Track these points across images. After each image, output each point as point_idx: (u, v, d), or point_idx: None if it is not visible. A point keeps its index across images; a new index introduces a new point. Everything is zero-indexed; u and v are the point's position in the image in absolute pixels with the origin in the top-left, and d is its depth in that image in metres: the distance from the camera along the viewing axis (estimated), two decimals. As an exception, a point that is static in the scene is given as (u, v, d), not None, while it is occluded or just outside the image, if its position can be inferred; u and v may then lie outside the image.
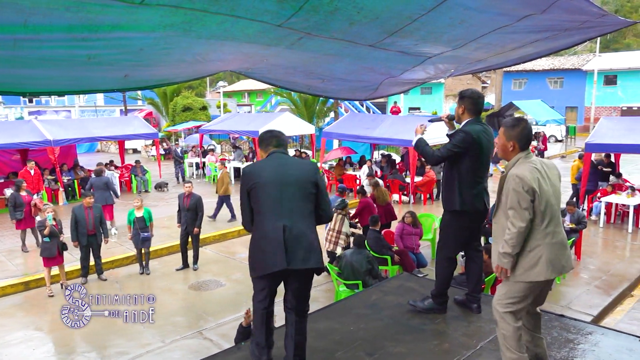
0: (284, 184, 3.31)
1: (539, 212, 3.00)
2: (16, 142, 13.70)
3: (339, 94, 8.91)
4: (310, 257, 3.28)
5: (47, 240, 7.78)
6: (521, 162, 3.10)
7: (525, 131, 3.14)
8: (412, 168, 14.06)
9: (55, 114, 33.58)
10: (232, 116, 21.34)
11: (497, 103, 22.73)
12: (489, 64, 5.68)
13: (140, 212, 8.75)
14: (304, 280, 3.42)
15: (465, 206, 4.03)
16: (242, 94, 53.45)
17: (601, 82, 34.59)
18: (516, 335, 3.10)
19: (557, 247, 3.05)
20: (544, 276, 3.02)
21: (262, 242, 3.29)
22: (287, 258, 3.19)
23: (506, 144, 3.16)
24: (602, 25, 4.10)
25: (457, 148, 3.95)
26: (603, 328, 4.22)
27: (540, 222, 3.01)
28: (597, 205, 11.84)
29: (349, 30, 3.88)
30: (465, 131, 3.97)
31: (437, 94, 42.55)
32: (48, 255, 7.85)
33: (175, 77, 5.75)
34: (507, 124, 3.19)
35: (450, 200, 4.13)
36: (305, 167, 3.47)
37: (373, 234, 7.89)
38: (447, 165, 4.17)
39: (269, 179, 3.32)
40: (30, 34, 3.04)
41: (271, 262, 3.22)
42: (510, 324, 3.09)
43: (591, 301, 7.40)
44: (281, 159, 3.43)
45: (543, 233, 3.02)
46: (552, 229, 3.04)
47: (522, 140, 3.13)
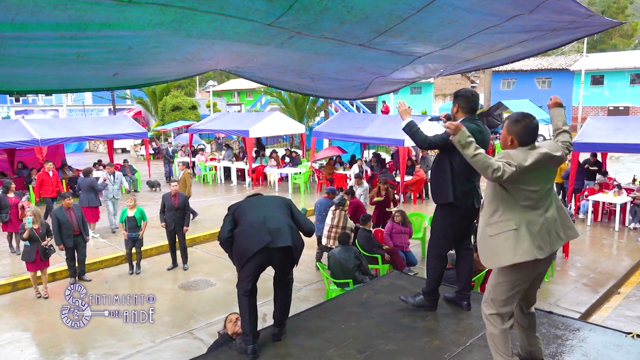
0: (264, 204, 4.08)
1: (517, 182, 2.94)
2: (3, 142, 13.52)
3: (329, 93, 8.92)
4: (288, 238, 3.77)
5: (28, 244, 7.59)
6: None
7: (528, 129, 3.05)
8: (402, 167, 14.12)
9: (42, 113, 33.24)
10: (221, 115, 21.26)
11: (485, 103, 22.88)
12: (478, 63, 5.73)
13: (132, 211, 8.70)
14: (285, 259, 3.86)
15: (457, 200, 4.03)
16: (231, 93, 53.29)
17: (588, 82, 35.00)
18: (504, 338, 3.07)
19: (539, 230, 2.98)
20: (528, 256, 2.91)
21: (245, 232, 3.80)
22: (269, 236, 3.70)
23: (506, 138, 3.10)
24: (589, 26, 4.15)
25: (446, 142, 3.91)
26: (591, 324, 4.28)
27: (526, 200, 2.97)
28: (585, 203, 11.97)
29: (340, 29, 3.90)
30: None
31: (427, 94, 42.76)
32: (27, 260, 7.64)
33: (165, 76, 5.73)
34: (512, 118, 3.12)
35: (441, 193, 4.12)
36: (279, 198, 4.24)
37: (364, 233, 7.92)
38: (439, 159, 4.17)
39: (251, 203, 4.11)
40: (18, 32, 3.02)
41: (256, 242, 3.69)
42: (497, 326, 3.07)
43: (579, 298, 7.49)
44: (259, 198, 4.27)
45: (526, 211, 2.98)
46: (537, 209, 2.99)
47: (522, 137, 3.05)
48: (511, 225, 2.97)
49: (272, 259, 3.81)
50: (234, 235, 3.87)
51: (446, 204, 4.12)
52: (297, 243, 3.86)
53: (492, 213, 3.06)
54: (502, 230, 3.00)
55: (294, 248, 3.81)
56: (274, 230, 3.75)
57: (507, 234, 2.98)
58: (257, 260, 3.74)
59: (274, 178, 16.61)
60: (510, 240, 2.96)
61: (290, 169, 16.74)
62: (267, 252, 3.71)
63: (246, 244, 3.74)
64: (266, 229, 3.74)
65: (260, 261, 3.77)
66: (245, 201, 4.15)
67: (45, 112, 33.80)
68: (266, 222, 3.78)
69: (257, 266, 3.79)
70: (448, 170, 4.05)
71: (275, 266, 3.92)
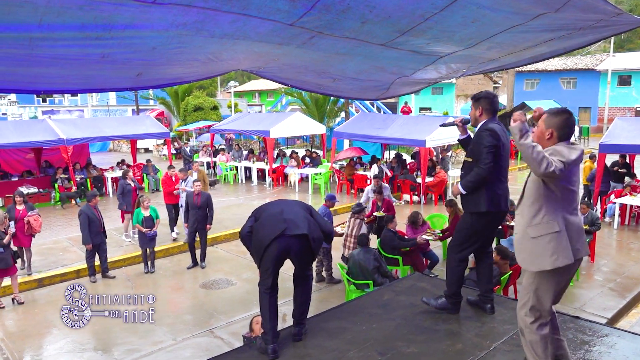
0: (284, 202, 4.20)
1: (567, 184, 2.89)
2: (30, 141, 13.89)
3: (350, 94, 8.91)
4: (304, 227, 3.82)
5: (2, 250, 7.35)
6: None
7: (569, 122, 2.96)
8: (423, 168, 14.00)
9: (68, 114, 33.99)
10: (242, 116, 21.41)
11: (509, 103, 22.50)
12: (502, 63, 5.63)
13: (147, 211, 8.85)
14: (302, 249, 3.88)
15: (492, 207, 3.95)
16: (252, 94, 53.62)
17: (615, 82, 34.23)
18: (544, 343, 3.01)
19: (576, 231, 2.95)
20: (568, 260, 2.88)
21: (263, 222, 3.87)
22: (285, 224, 3.77)
23: (544, 131, 2.98)
24: (616, 25, 4.05)
25: (493, 148, 3.86)
26: (619, 330, 4.15)
27: (565, 201, 2.91)
28: (611, 206, 11.70)
29: (361, 29, 3.88)
30: (490, 129, 3.90)
31: (448, 95, 42.37)
32: (5, 267, 7.39)
33: (188, 76, 5.78)
34: (551, 111, 3.02)
35: (475, 201, 4.01)
36: (300, 201, 4.32)
37: (388, 233, 7.86)
38: (470, 165, 4.07)
39: (271, 203, 4.24)
40: (45, 33, 3.07)
41: (272, 230, 3.76)
42: (539, 333, 3.01)
43: (605, 303, 7.31)
44: (280, 199, 4.40)
45: (567, 213, 2.92)
46: (574, 210, 2.95)
47: (562, 129, 2.95)
48: (554, 227, 2.91)
49: (289, 248, 3.81)
50: (253, 229, 3.93)
51: (478, 212, 4.03)
52: (314, 234, 3.88)
53: (535, 214, 2.98)
54: (545, 232, 2.93)
55: (311, 238, 3.82)
56: (289, 219, 3.82)
57: (550, 236, 2.92)
58: (274, 249, 3.75)
59: (294, 178, 16.64)
60: (553, 242, 2.90)
61: (310, 169, 16.75)
62: (283, 240, 3.74)
63: (263, 232, 3.81)
64: (282, 218, 3.82)
65: (277, 250, 3.76)
66: (266, 203, 4.23)
67: (71, 112, 34.56)
68: (283, 213, 3.87)
69: (275, 256, 3.78)
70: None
71: (293, 257, 3.92)
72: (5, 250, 7.42)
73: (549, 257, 2.90)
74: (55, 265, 9.15)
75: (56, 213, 13.68)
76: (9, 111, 34.39)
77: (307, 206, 4.17)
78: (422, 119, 18.92)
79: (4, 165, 15.66)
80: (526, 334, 3.09)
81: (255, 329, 4.85)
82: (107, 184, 16.12)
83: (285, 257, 3.89)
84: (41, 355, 6.22)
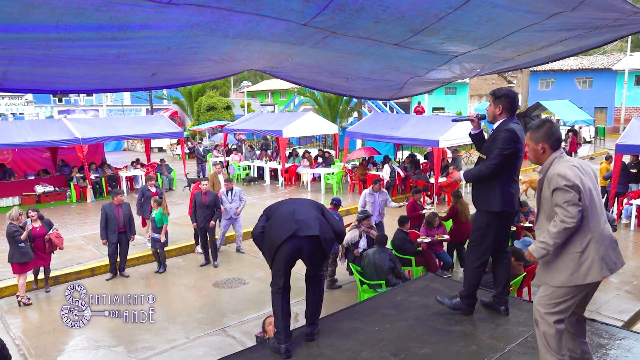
0: (295, 202, 4.19)
1: (585, 209, 2.87)
2: (47, 140, 14.14)
3: (363, 93, 8.87)
4: (316, 228, 3.81)
5: (23, 245, 7.46)
6: (557, 161, 2.98)
7: (552, 129, 3.02)
8: (436, 168, 13.93)
9: (83, 113, 34.36)
10: (255, 116, 21.47)
11: (523, 103, 22.29)
12: (516, 63, 5.57)
13: (155, 211, 8.92)
14: (314, 250, 3.88)
15: (506, 206, 3.95)
16: (265, 94, 53.74)
17: (632, 82, 33.69)
18: (557, 337, 2.98)
19: (607, 243, 2.92)
20: (597, 276, 2.88)
21: (274, 222, 3.88)
22: (297, 225, 3.77)
23: (536, 148, 3.04)
24: (634, 23, 3.98)
25: (507, 150, 3.85)
26: (637, 334, 4.10)
27: (587, 218, 2.88)
28: (628, 208, 11.53)
29: (374, 28, 3.86)
30: (509, 130, 3.88)
31: (462, 94, 42.03)
32: (29, 260, 7.52)
33: (202, 76, 5.81)
34: (532, 127, 3.07)
35: (488, 200, 4.01)
36: (311, 200, 4.30)
37: (400, 234, 7.83)
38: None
39: (283, 202, 4.22)
40: (62, 34, 3.11)
41: (283, 231, 3.77)
42: (553, 326, 2.98)
43: (621, 306, 7.21)
44: (291, 198, 4.37)
45: (590, 230, 2.89)
46: (598, 225, 2.91)
47: (550, 139, 3.01)
48: (577, 247, 2.91)
49: (300, 249, 3.82)
50: (265, 229, 3.94)
51: (492, 211, 4.03)
52: (326, 235, 3.87)
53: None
54: (566, 252, 2.93)
55: (322, 239, 3.82)
56: (301, 220, 3.81)
57: (572, 255, 2.92)
58: (286, 250, 3.76)
59: (307, 178, 16.64)
60: (573, 262, 2.90)
61: (322, 169, 16.75)
62: (295, 240, 3.75)
63: (274, 233, 3.82)
64: (294, 219, 3.82)
65: (289, 251, 3.77)
66: (277, 202, 4.24)
67: (86, 112, 34.93)
68: (295, 214, 3.87)
69: (286, 257, 3.79)
70: (496, 178, 3.94)
71: (305, 258, 3.93)
72: (26, 244, 7.53)
73: (568, 274, 2.92)
74: (70, 263, 9.27)
75: (71, 211, 13.85)
76: (26, 111, 34.92)
77: (319, 205, 4.17)
78: (435, 119, 18.80)
79: (20, 164, 15.91)
80: (540, 325, 3.07)
81: (268, 330, 4.86)
82: (121, 183, 16.27)
83: (297, 258, 3.90)
84: (56, 352, 6.30)
